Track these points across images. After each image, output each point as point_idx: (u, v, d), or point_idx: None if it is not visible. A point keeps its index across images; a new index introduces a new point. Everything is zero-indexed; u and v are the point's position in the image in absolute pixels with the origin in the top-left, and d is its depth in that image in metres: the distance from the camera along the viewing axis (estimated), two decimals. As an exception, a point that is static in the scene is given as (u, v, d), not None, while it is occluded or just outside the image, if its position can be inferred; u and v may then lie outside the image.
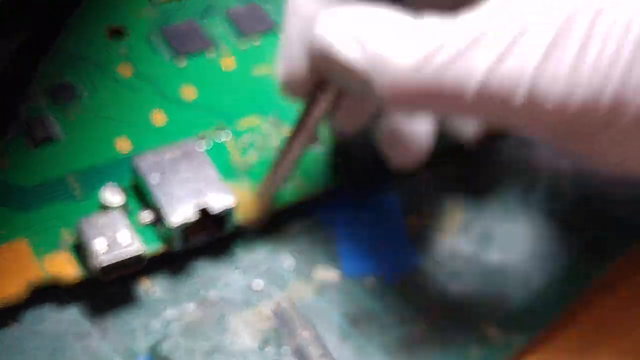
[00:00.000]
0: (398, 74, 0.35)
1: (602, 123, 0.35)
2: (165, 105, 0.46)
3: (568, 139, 0.37)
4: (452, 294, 0.42)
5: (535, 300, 0.42)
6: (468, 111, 0.36)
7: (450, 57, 0.35)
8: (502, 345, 0.41)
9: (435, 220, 0.44)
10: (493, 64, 0.35)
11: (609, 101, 0.35)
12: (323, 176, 0.44)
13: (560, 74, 0.35)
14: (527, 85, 0.35)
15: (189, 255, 0.42)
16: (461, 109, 0.35)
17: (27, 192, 0.42)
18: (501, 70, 0.35)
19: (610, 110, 0.35)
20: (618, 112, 0.35)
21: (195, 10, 0.50)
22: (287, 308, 0.39)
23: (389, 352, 0.40)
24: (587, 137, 0.36)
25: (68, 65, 0.47)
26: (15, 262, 0.40)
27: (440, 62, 0.35)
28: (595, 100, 0.35)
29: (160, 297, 0.41)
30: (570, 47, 0.35)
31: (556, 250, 0.44)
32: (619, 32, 0.34)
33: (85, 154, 0.44)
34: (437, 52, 0.35)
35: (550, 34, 0.35)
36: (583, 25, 0.35)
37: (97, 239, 0.40)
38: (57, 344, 0.40)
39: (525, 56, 0.35)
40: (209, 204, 0.41)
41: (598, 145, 0.36)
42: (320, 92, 0.39)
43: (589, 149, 0.37)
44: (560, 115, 0.35)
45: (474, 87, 0.35)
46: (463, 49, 0.35)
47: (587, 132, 0.35)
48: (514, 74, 0.35)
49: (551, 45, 0.35)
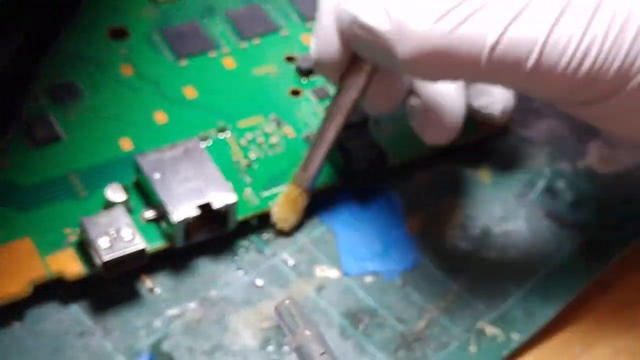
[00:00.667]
0: (416, 37, 0.37)
1: (610, 89, 0.37)
2: (166, 104, 0.46)
3: (577, 104, 0.38)
4: (451, 292, 0.42)
5: (533, 299, 0.42)
6: (483, 76, 0.37)
7: (462, 20, 0.36)
8: (501, 343, 0.41)
9: (435, 220, 0.45)
10: (503, 29, 0.36)
11: (617, 68, 0.36)
12: (323, 176, 0.45)
13: (569, 40, 0.36)
14: (537, 50, 0.36)
15: (190, 254, 0.42)
16: (476, 73, 0.37)
17: (29, 191, 0.43)
18: (511, 35, 0.36)
19: (617, 77, 0.36)
20: (625, 79, 0.36)
21: (196, 10, 0.50)
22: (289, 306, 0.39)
23: (389, 349, 0.41)
24: (595, 103, 0.37)
25: (69, 65, 0.47)
26: (18, 260, 0.40)
27: (451, 26, 0.36)
28: (603, 67, 0.36)
29: (162, 296, 0.41)
30: (580, 14, 0.36)
31: (554, 250, 0.44)
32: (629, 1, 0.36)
33: (86, 153, 0.44)
34: (449, 15, 0.36)
35: (561, 1, 0.36)
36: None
37: (100, 236, 0.40)
38: (59, 342, 0.40)
39: (536, 22, 0.36)
40: (210, 201, 0.41)
41: (606, 111, 0.38)
42: (353, 70, 0.40)
43: (597, 115, 0.38)
44: (569, 80, 0.36)
45: (486, 50, 0.36)
46: (474, 12, 0.36)
47: (596, 97, 0.37)
48: (524, 39, 0.36)
49: (561, 12, 0.36)
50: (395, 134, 0.46)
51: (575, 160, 0.47)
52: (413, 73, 0.39)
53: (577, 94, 0.37)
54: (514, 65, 0.36)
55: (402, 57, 0.37)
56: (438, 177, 0.46)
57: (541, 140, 0.47)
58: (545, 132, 0.48)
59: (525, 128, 0.48)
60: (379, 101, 0.42)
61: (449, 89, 0.42)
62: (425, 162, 0.46)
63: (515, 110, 0.48)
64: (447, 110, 0.42)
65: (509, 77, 0.37)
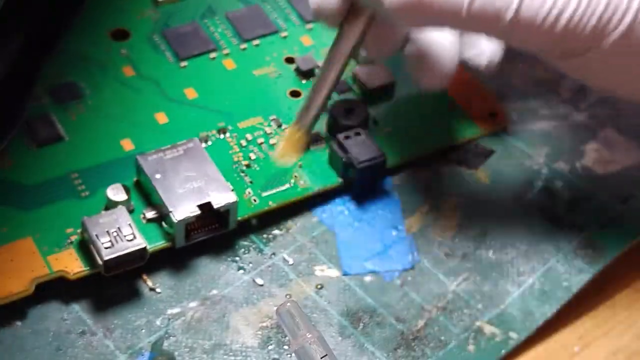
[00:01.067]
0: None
1: (587, 44, 0.39)
2: (167, 105, 0.46)
3: (557, 57, 0.40)
4: (450, 291, 0.43)
5: (531, 298, 0.42)
6: (465, 25, 0.39)
7: None
8: (499, 342, 0.41)
9: (434, 220, 0.45)
10: None
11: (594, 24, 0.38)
12: (323, 176, 0.45)
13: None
14: (515, 2, 0.38)
15: (191, 253, 0.42)
16: (458, 23, 0.39)
17: (31, 191, 0.43)
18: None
19: (594, 32, 0.38)
20: (602, 35, 0.38)
21: (197, 11, 0.50)
22: (291, 309, 0.39)
23: (388, 348, 0.41)
24: (574, 56, 0.39)
25: (70, 65, 0.47)
26: (20, 260, 0.40)
27: None
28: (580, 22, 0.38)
29: (163, 295, 0.41)
30: None
31: (552, 249, 0.44)
32: None
33: (88, 154, 0.44)
34: None
35: None
36: None
37: (101, 236, 0.40)
38: (60, 341, 0.40)
39: None
40: (210, 201, 0.42)
41: (585, 65, 0.40)
42: (352, 17, 0.42)
43: (576, 68, 0.40)
44: (547, 33, 0.38)
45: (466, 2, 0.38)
46: None
47: (574, 51, 0.39)
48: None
49: None
50: (395, 134, 0.46)
51: (573, 160, 0.47)
52: (399, 20, 0.40)
53: (556, 47, 0.39)
54: (494, 16, 0.38)
55: (388, 5, 0.39)
56: (437, 177, 0.46)
57: (539, 141, 0.47)
58: (543, 132, 0.48)
59: (523, 128, 0.48)
60: (377, 47, 0.44)
61: (443, 38, 0.44)
62: (424, 162, 0.46)
63: (514, 111, 0.48)
64: (441, 57, 0.44)
65: (489, 28, 0.39)
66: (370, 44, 0.43)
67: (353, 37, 0.42)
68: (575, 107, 0.49)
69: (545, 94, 0.49)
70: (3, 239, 0.41)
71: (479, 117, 0.48)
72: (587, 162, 0.47)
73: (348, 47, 0.42)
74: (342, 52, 0.42)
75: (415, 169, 0.46)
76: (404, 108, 0.47)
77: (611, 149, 0.47)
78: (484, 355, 0.41)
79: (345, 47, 0.42)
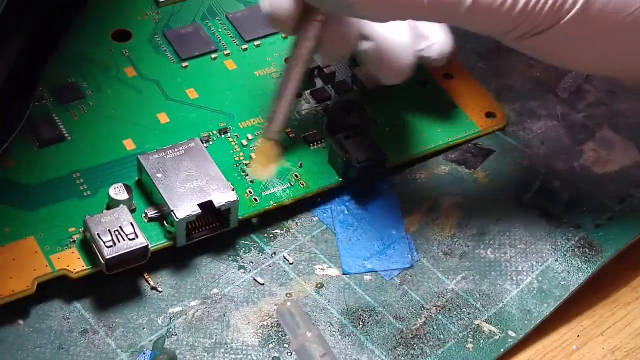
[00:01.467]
0: None
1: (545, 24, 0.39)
2: (168, 105, 0.46)
3: (516, 38, 0.40)
4: (449, 290, 0.43)
5: (530, 297, 0.42)
6: (426, 13, 0.40)
7: None
8: (498, 341, 0.41)
9: (433, 219, 0.45)
10: None
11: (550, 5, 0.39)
12: (323, 176, 0.45)
13: None
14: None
15: (192, 252, 0.43)
16: (420, 11, 0.39)
17: (33, 191, 0.43)
18: None
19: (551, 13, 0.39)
20: (559, 15, 0.39)
21: (198, 12, 0.50)
22: (291, 308, 0.39)
23: (388, 347, 0.41)
24: (532, 37, 0.40)
25: (73, 66, 0.47)
26: (23, 259, 0.41)
27: None
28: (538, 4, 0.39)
29: (164, 294, 0.42)
30: None
31: (550, 249, 0.44)
32: None
33: (90, 154, 0.44)
34: None
35: None
36: None
37: (103, 235, 0.40)
38: (63, 340, 0.40)
39: None
40: (212, 200, 0.42)
41: (543, 44, 0.40)
42: (306, 21, 0.42)
43: (535, 47, 0.41)
44: (506, 16, 0.39)
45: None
46: None
47: (532, 32, 0.40)
48: None
49: None
50: (395, 134, 0.47)
51: (571, 160, 0.47)
52: (362, 14, 0.40)
53: (515, 29, 0.40)
54: (454, 3, 0.39)
55: (353, 1, 0.39)
56: (436, 177, 0.46)
57: (537, 141, 0.48)
58: (541, 132, 0.48)
59: (521, 129, 0.48)
60: (333, 48, 0.44)
61: (398, 32, 0.44)
62: (424, 162, 0.46)
63: (512, 112, 0.48)
64: (398, 51, 0.44)
65: (450, 15, 0.39)
66: (326, 45, 0.43)
67: (309, 42, 0.42)
68: (573, 108, 0.49)
69: (543, 95, 0.49)
70: (6, 238, 0.41)
71: (478, 118, 0.48)
72: (585, 162, 0.47)
73: (306, 52, 0.42)
74: (300, 57, 0.42)
75: (415, 169, 0.46)
76: (403, 108, 0.48)
77: (609, 149, 0.47)
78: (482, 354, 0.41)
79: (303, 53, 0.42)
